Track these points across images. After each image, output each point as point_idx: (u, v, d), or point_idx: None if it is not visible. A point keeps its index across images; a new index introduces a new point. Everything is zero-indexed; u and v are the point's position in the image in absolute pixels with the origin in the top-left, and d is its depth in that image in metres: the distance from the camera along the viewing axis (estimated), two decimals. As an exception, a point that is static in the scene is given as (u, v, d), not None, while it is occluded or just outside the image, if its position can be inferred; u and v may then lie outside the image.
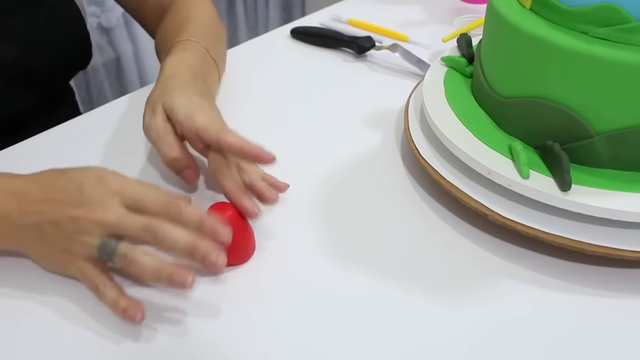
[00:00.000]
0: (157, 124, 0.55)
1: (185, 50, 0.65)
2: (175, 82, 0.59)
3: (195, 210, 0.47)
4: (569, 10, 0.50)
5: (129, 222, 0.46)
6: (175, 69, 0.61)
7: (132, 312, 0.45)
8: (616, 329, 0.47)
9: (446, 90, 0.63)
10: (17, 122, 0.72)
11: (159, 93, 0.58)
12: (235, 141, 0.51)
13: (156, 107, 0.56)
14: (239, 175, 0.54)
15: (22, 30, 0.68)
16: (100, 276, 0.47)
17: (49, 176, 0.49)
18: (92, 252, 0.46)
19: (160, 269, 0.45)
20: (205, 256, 0.45)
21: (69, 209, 0.46)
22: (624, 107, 0.49)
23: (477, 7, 0.94)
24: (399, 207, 0.58)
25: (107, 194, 0.47)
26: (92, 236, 0.46)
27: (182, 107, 0.55)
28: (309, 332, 0.47)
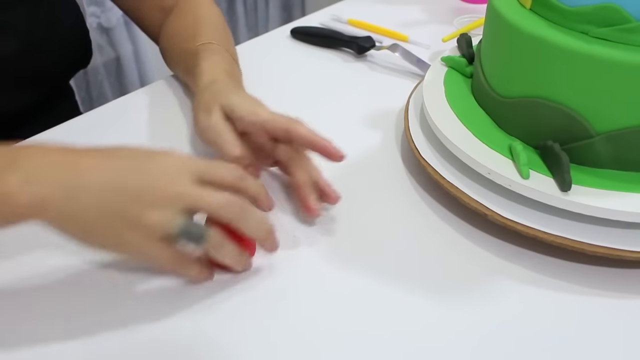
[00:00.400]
0: (217, 123, 0.55)
1: (215, 54, 0.66)
2: (223, 86, 0.60)
3: (255, 182, 0.49)
4: (569, 11, 0.50)
5: (210, 197, 0.44)
6: (215, 75, 0.62)
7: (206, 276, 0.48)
8: (616, 329, 0.47)
9: (446, 90, 0.63)
10: (16, 120, 0.72)
11: (209, 97, 0.58)
12: (306, 133, 0.53)
13: (212, 108, 0.56)
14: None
15: (22, 26, 0.68)
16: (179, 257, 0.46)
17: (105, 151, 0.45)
18: (170, 229, 0.43)
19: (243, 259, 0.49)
20: (274, 248, 0.49)
21: (140, 175, 0.43)
22: (624, 107, 0.49)
23: (477, 7, 0.94)
24: (399, 207, 0.58)
25: (182, 167, 0.45)
26: (172, 211, 0.43)
27: (242, 104, 0.55)
28: (308, 332, 0.47)
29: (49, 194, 0.42)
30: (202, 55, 0.65)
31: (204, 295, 0.49)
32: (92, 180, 0.43)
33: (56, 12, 0.72)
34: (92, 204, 0.42)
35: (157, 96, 0.75)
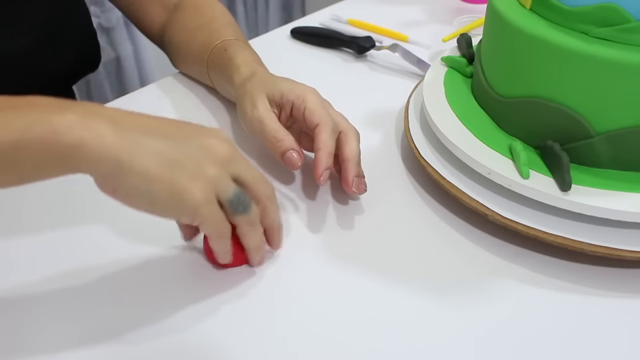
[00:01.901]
0: (260, 113, 0.57)
1: (244, 49, 0.67)
2: (266, 75, 0.61)
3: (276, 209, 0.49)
4: (569, 11, 0.50)
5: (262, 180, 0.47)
6: (253, 67, 0.63)
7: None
8: (616, 329, 0.47)
9: (446, 90, 0.63)
10: None
11: (252, 88, 0.59)
12: (321, 140, 0.54)
13: (257, 99, 0.58)
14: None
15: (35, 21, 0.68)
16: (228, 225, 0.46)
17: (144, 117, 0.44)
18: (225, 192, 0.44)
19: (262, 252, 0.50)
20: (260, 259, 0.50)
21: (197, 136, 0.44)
22: (624, 107, 0.49)
23: (477, 7, 0.94)
24: (399, 207, 0.58)
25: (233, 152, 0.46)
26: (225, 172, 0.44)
27: (292, 89, 0.57)
28: (309, 333, 0.47)
29: (107, 129, 0.39)
30: (233, 50, 0.66)
31: (204, 295, 0.49)
32: (154, 127, 0.42)
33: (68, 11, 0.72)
34: (156, 147, 0.41)
35: (157, 96, 0.75)
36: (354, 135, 0.56)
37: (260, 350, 0.45)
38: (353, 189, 0.55)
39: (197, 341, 0.46)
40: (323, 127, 0.54)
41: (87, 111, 0.40)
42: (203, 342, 0.46)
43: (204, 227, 0.44)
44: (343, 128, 0.56)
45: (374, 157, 0.64)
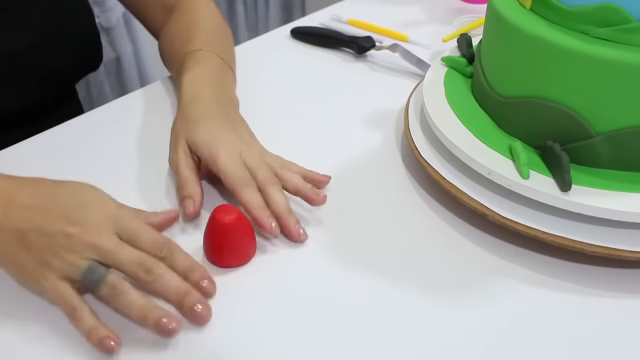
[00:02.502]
0: (179, 160, 0.57)
1: (200, 62, 0.65)
2: (196, 109, 0.59)
3: (186, 256, 0.47)
4: (569, 11, 0.50)
5: (125, 253, 0.45)
6: (195, 89, 0.62)
7: (108, 342, 0.43)
8: (617, 329, 0.47)
9: (446, 91, 0.63)
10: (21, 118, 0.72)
11: (181, 125, 0.59)
12: (246, 202, 0.52)
13: (178, 143, 0.57)
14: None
15: (38, 19, 0.68)
16: (77, 298, 0.44)
17: (45, 185, 0.48)
18: (75, 273, 0.44)
19: (149, 310, 0.43)
20: (193, 306, 0.44)
21: (64, 223, 0.45)
22: (624, 108, 0.49)
23: (477, 7, 0.94)
24: (399, 207, 0.58)
25: (106, 219, 0.46)
26: (81, 257, 0.44)
27: (204, 143, 0.56)
28: (308, 333, 0.47)
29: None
30: (187, 65, 0.65)
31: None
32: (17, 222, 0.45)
33: (69, 9, 0.72)
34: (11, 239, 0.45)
35: (157, 96, 0.75)
36: (274, 187, 0.54)
37: (261, 349, 0.45)
38: (301, 237, 0.53)
39: (197, 341, 0.46)
40: (240, 191, 0.53)
41: None
42: (203, 341, 0.46)
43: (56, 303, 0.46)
44: (261, 183, 0.54)
45: (374, 157, 0.64)
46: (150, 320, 0.43)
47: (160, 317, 0.43)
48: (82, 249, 0.44)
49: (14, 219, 0.45)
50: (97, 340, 0.43)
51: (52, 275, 0.45)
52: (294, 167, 0.58)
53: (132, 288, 0.44)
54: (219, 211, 0.50)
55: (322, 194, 0.56)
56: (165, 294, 0.45)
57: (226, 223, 0.49)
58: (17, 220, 0.45)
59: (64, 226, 0.45)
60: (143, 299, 0.44)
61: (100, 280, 0.44)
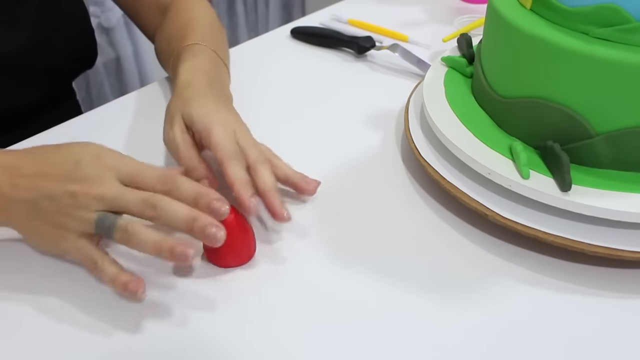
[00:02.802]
0: (175, 136, 0.56)
1: (196, 55, 0.65)
2: (191, 91, 0.59)
3: (191, 183, 0.48)
4: (570, 11, 0.50)
5: (129, 196, 0.46)
6: (190, 77, 0.62)
7: (134, 286, 0.45)
8: (617, 330, 0.47)
9: (446, 91, 0.63)
10: (19, 118, 0.72)
11: (176, 104, 0.58)
12: (231, 175, 0.52)
13: (174, 119, 0.57)
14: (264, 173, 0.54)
15: (30, 20, 0.68)
16: (97, 251, 0.46)
17: (43, 151, 0.49)
18: (89, 227, 0.46)
19: (162, 242, 0.44)
20: (204, 228, 0.45)
21: (65, 183, 0.46)
22: (624, 108, 0.49)
23: (478, 7, 0.94)
24: (399, 207, 0.58)
25: (104, 169, 0.47)
26: (90, 211, 0.45)
27: (200, 118, 0.55)
28: (308, 333, 0.46)
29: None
30: (184, 57, 0.65)
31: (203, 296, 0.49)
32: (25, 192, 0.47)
33: (63, 8, 0.72)
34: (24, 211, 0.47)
35: (157, 96, 0.75)
36: (263, 165, 0.54)
37: (261, 349, 0.45)
38: (285, 216, 0.52)
39: (197, 341, 0.46)
40: (227, 164, 0.52)
41: None
42: (202, 341, 0.46)
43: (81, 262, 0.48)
44: (251, 161, 0.54)
45: (374, 157, 0.64)
46: (165, 251, 0.44)
47: (173, 246, 0.44)
48: (88, 203, 0.45)
49: (21, 189, 0.47)
50: (121, 286, 0.45)
51: (70, 235, 0.46)
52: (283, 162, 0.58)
53: (143, 226, 0.45)
54: None
55: (314, 182, 0.56)
56: (174, 225, 0.46)
57: (226, 223, 0.49)
58: (23, 190, 0.47)
59: (67, 186, 0.46)
60: (155, 234, 0.45)
61: (112, 227, 0.45)
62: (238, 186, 0.51)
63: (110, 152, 0.49)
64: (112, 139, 0.67)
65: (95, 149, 0.49)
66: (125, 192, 0.46)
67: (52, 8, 0.70)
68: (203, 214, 0.45)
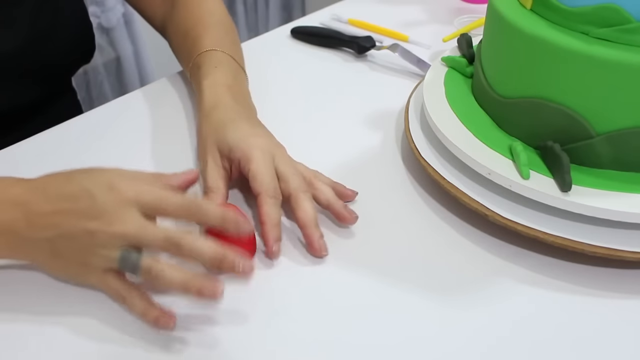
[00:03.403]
0: (207, 167, 0.56)
1: (217, 67, 0.65)
2: (221, 114, 0.59)
3: (215, 207, 0.47)
4: (570, 11, 0.50)
5: (150, 234, 0.44)
6: (216, 96, 0.61)
7: (165, 322, 0.44)
8: (617, 330, 0.47)
9: (446, 91, 0.63)
10: (19, 117, 0.72)
11: (207, 128, 0.58)
12: (264, 213, 0.51)
13: (207, 149, 0.57)
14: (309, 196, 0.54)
15: (27, 20, 0.68)
16: (124, 286, 0.46)
17: (54, 183, 0.47)
18: (112, 264, 0.45)
19: (189, 282, 0.43)
20: (233, 265, 0.44)
21: (83, 221, 0.44)
22: (624, 108, 0.49)
23: (478, 7, 0.93)
24: (399, 207, 0.58)
25: (122, 202, 0.44)
26: (111, 249, 0.44)
27: (238, 145, 0.55)
28: (308, 333, 0.46)
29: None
30: (203, 71, 0.65)
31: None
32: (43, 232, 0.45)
33: (61, 5, 0.72)
34: (44, 250, 0.46)
35: (157, 96, 0.75)
36: (305, 195, 0.53)
37: (261, 349, 0.45)
38: (322, 253, 0.52)
39: (197, 341, 0.46)
40: (264, 197, 0.52)
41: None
42: (202, 342, 0.46)
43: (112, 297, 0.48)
44: (292, 189, 0.53)
45: (374, 157, 0.64)
46: (193, 290, 0.44)
47: (201, 287, 0.43)
48: (108, 242, 0.44)
49: (37, 228, 0.45)
50: (152, 321, 0.45)
51: (95, 271, 0.46)
52: (323, 178, 0.57)
53: (167, 266, 0.44)
54: None
55: (354, 214, 0.54)
56: (202, 262, 0.45)
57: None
58: (41, 230, 0.45)
59: (85, 224, 0.44)
60: (180, 273, 0.44)
61: (136, 267, 0.44)
62: (268, 227, 0.51)
63: (124, 180, 0.46)
64: (112, 139, 0.67)
65: (108, 177, 0.46)
66: (146, 229, 0.44)
67: (50, 6, 0.70)
68: (228, 251, 0.44)
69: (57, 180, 0.47)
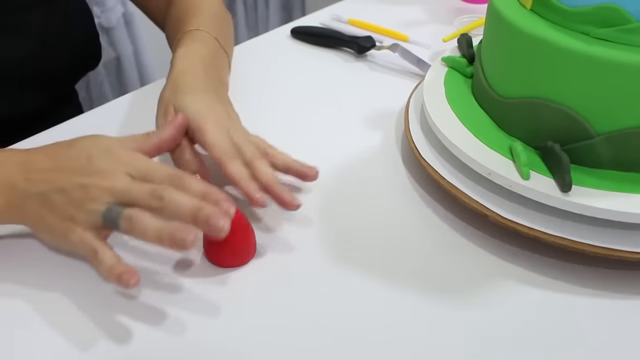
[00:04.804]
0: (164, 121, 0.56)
1: (195, 40, 0.65)
2: (186, 81, 0.59)
3: (200, 182, 0.48)
4: (570, 11, 0.50)
5: (137, 187, 0.46)
6: (187, 63, 0.62)
7: (127, 277, 0.44)
8: (617, 330, 0.47)
9: (446, 91, 0.63)
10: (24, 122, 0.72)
11: (170, 92, 0.58)
12: (232, 173, 0.52)
13: (168, 110, 0.57)
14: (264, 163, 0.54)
15: (36, 28, 0.68)
16: (100, 243, 0.46)
17: (56, 147, 0.51)
18: (97, 219, 0.46)
19: (163, 229, 0.44)
20: (209, 218, 0.44)
21: (77, 177, 0.47)
22: (624, 108, 0.49)
23: (478, 7, 0.94)
24: (399, 207, 0.58)
25: (116, 163, 0.48)
26: (99, 203, 0.46)
27: (193, 114, 0.55)
28: (308, 334, 0.46)
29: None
30: (183, 42, 0.65)
31: (204, 296, 0.49)
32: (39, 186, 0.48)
33: (70, 14, 0.72)
34: (35, 203, 0.48)
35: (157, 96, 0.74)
36: (261, 160, 0.54)
37: (260, 349, 0.45)
38: (295, 203, 0.53)
39: (196, 341, 0.46)
40: (226, 162, 0.53)
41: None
42: (202, 342, 0.46)
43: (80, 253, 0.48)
44: (248, 158, 0.54)
45: (374, 157, 0.64)
46: (165, 238, 0.44)
47: (173, 232, 0.44)
48: (99, 195, 0.46)
49: (34, 182, 0.48)
50: (115, 276, 0.45)
51: (78, 228, 0.47)
52: (279, 152, 0.58)
53: (147, 215, 0.45)
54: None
55: (314, 169, 0.55)
56: (179, 215, 0.45)
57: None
58: (38, 184, 0.48)
59: (79, 179, 0.47)
60: (157, 222, 0.45)
61: (119, 217, 0.45)
62: (243, 183, 0.52)
63: (122, 147, 0.50)
64: (112, 139, 0.67)
65: (108, 142, 0.50)
66: (133, 184, 0.47)
67: (58, 14, 0.70)
68: (208, 204, 0.45)
69: (58, 144, 0.51)
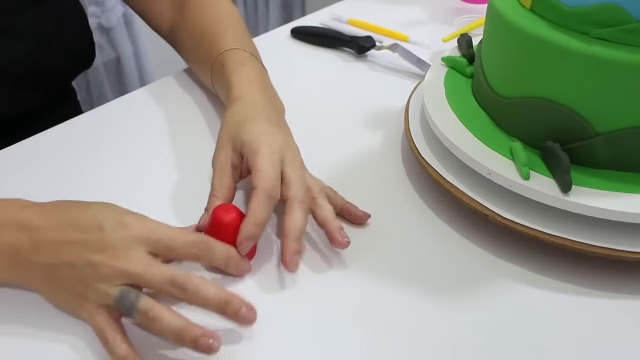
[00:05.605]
0: (218, 160, 0.55)
1: (244, 64, 0.64)
2: (245, 109, 0.58)
3: (222, 246, 0.47)
4: (570, 11, 0.50)
5: (152, 273, 0.43)
6: (244, 89, 0.61)
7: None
8: (616, 330, 0.47)
9: (446, 91, 0.63)
10: (21, 121, 0.72)
11: (228, 124, 0.57)
12: (250, 209, 0.49)
13: (224, 144, 0.56)
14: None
15: (30, 29, 0.68)
16: (111, 328, 0.43)
17: (65, 211, 0.46)
18: (108, 301, 0.43)
19: (185, 331, 0.42)
20: (238, 312, 0.43)
21: (87, 252, 0.43)
22: (624, 108, 0.49)
23: (478, 7, 0.94)
24: (399, 207, 0.58)
25: (130, 239, 0.44)
26: (111, 285, 0.43)
27: (250, 141, 0.53)
28: (309, 334, 0.46)
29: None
30: (231, 67, 0.64)
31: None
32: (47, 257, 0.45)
33: (62, 14, 0.72)
34: (43, 274, 0.45)
35: (157, 96, 0.75)
36: (299, 206, 0.51)
37: (260, 351, 0.45)
38: (291, 268, 0.49)
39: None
40: (258, 192, 0.50)
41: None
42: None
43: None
44: (290, 196, 0.51)
45: (374, 157, 0.64)
46: (188, 341, 0.42)
47: (197, 338, 0.42)
48: (110, 277, 0.43)
49: (43, 253, 0.45)
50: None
51: (88, 305, 0.44)
52: (334, 195, 0.56)
53: (165, 310, 0.43)
54: (219, 210, 0.50)
55: (347, 239, 0.51)
56: (205, 307, 0.44)
57: (226, 222, 0.49)
58: (47, 255, 0.44)
59: (89, 256, 0.43)
60: (177, 321, 0.42)
61: (132, 308, 0.43)
62: (245, 222, 0.49)
63: (135, 218, 0.46)
64: (112, 139, 0.67)
65: (121, 213, 0.46)
66: (151, 268, 0.43)
67: (52, 14, 0.70)
68: (234, 296, 0.44)
69: (69, 207, 0.47)
